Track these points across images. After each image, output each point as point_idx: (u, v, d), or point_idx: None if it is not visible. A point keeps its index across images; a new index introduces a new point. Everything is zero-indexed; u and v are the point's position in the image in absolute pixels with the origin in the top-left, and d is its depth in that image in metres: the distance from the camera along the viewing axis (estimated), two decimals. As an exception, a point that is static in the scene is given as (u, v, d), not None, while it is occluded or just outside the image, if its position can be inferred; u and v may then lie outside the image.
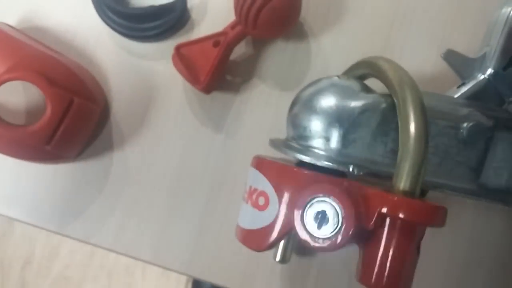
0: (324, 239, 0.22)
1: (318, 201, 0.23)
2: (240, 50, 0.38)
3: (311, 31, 0.38)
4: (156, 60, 0.38)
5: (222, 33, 0.35)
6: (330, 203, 0.22)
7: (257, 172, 0.28)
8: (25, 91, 0.38)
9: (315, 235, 0.23)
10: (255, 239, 0.28)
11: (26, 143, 0.32)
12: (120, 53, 0.38)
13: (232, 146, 0.37)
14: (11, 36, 0.34)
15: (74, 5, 0.39)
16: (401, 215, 0.21)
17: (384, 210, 0.22)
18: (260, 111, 0.37)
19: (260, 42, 0.38)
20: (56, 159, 0.36)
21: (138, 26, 0.37)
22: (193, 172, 0.37)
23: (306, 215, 0.23)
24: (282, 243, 0.30)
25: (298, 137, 0.28)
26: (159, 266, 0.36)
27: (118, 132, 0.38)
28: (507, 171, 0.26)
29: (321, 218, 0.22)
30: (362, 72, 0.30)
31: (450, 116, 0.26)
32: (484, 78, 0.26)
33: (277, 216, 0.26)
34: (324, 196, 0.23)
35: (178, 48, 0.36)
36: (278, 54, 0.38)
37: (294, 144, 0.28)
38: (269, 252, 0.30)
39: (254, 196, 0.28)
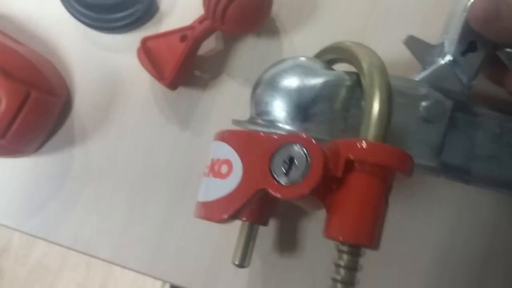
0: (292, 185, 0.21)
1: (285, 149, 0.22)
2: (209, 45, 0.37)
3: (283, 28, 0.37)
4: (122, 52, 0.37)
5: (190, 28, 0.34)
6: (298, 149, 0.21)
7: (220, 143, 0.27)
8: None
9: (284, 182, 0.21)
10: (218, 209, 0.25)
11: (-21, 136, 0.31)
12: (85, 44, 0.37)
13: (198, 143, 0.36)
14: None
15: (37, -7, 0.37)
16: (368, 159, 0.21)
17: (352, 156, 0.21)
18: (228, 108, 0.36)
19: (231, 38, 0.37)
20: (13, 154, 0.35)
21: (104, 17, 0.35)
22: (157, 169, 0.36)
23: (273, 163, 0.22)
24: (241, 244, 0.29)
25: (261, 113, 0.28)
26: (118, 265, 0.36)
27: (80, 126, 0.36)
28: (464, 151, 0.28)
29: (289, 164, 0.21)
30: (331, 56, 0.30)
31: (410, 95, 0.27)
32: (444, 63, 0.27)
33: (241, 179, 0.24)
34: (291, 143, 0.22)
35: (144, 41, 0.34)
36: (249, 50, 0.37)
37: (258, 120, 0.28)
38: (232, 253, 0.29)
39: (216, 167, 0.26)
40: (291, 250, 0.35)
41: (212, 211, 0.26)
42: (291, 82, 0.27)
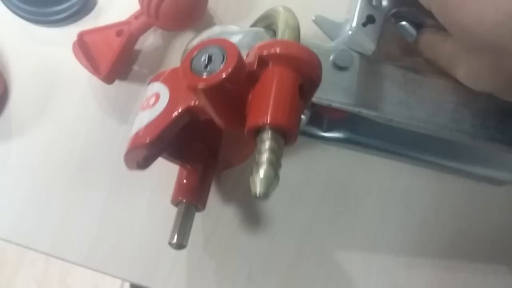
0: (210, 74, 0.22)
1: (204, 50, 0.23)
2: (148, 40, 0.37)
3: (221, 23, 0.37)
4: (59, 46, 0.37)
5: (126, 23, 0.35)
6: (215, 48, 0.22)
7: (151, 84, 0.28)
8: None
9: (203, 75, 0.22)
10: (143, 135, 0.25)
11: None
12: (22, 38, 0.37)
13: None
14: None
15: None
16: (279, 51, 0.22)
17: (265, 52, 0.22)
18: (167, 103, 0.37)
19: (169, 33, 0.37)
20: None
21: (41, 10, 0.36)
22: (95, 163, 0.36)
23: (193, 64, 0.23)
24: (178, 224, 0.30)
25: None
26: (57, 257, 0.36)
27: (17, 119, 0.36)
28: (377, 97, 0.31)
29: (208, 60, 0.22)
30: (262, 24, 0.31)
31: (321, 47, 0.30)
32: (349, 34, 0.30)
33: (167, 103, 0.25)
34: (209, 46, 0.23)
35: (81, 36, 0.35)
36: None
37: None
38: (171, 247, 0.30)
39: (145, 103, 0.27)
40: (229, 241, 0.36)
41: (137, 139, 0.26)
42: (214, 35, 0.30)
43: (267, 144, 0.20)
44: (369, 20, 0.31)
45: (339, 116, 0.33)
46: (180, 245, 0.30)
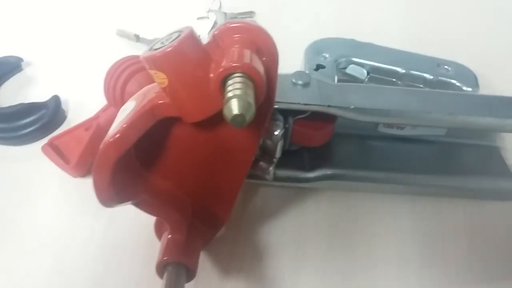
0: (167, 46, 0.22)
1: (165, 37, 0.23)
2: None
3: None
4: (29, 160, 0.37)
5: (94, 117, 0.36)
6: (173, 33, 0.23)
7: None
8: None
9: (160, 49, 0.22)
10: (109, 136, 0.24)
11: None
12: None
13: (115, 229, 0.33)
14: None
15: None
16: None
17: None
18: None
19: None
20: None
21: (10, 125, 0.36)
22: (72, 263, 0.32)
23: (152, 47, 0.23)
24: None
25: None
26: None
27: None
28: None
29: (165, 41, 0.22)
30: None
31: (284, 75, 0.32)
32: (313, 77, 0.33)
33: (133, 108, 0.25)
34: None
35: (51, 141, 0.35)
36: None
37: None
38: None
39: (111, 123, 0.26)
40: None
41: (104, 144, 0.24)
42: None
43: (236, 80, 0.20)
44: (318, 67, 0.36)
45: (318, 140, 0.32)
46: None
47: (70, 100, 0.39)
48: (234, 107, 0.19)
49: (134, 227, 0.33)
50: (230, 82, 0.21)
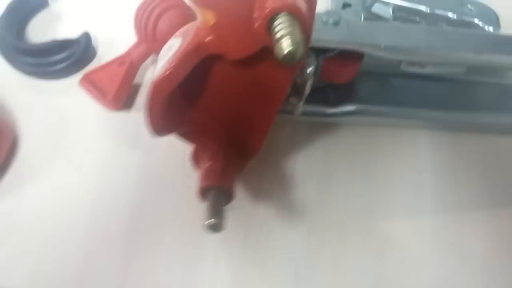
0: None
1: None
2: (148, 74, 0.39)
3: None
4: (65, 94, 0.38)
5: (126, 54, 0.37)
6: None
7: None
8: None
9: None
10: (160, 73, 0.26)
11: None
12: (28, 92, 0.38)
13: (151, 161, 0.36)
14: None
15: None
16: None
17: None
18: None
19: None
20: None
21: (43, 60, 0.38)
22: (112, 192, 0.35)
23: None
24: (211, 205, 0.28)
25: None
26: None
27: (28, 168, 0.36)
28: None
29: None
30: None
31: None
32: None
33: (180, 45, 0.26)
34: None
35: (85, 76, 0.37)
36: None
37: None
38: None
39: (158, 58, 0.28)
40: (266, 239, 0.33)
41: (154, 81, 0.26)
42: None
43: (283, 19, 0.22)
44: (345, 5, 0.37)
45: (345, 78, 0.34)
46: (216, 226, 0.28)
47: (99, 36, 0.40)
48: (286, 45, 0.21)
49: (169, 157, 0.36)
50: (277, 22, 0.22)
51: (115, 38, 0.40)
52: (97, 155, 0.36)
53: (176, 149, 0.35)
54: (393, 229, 0.33)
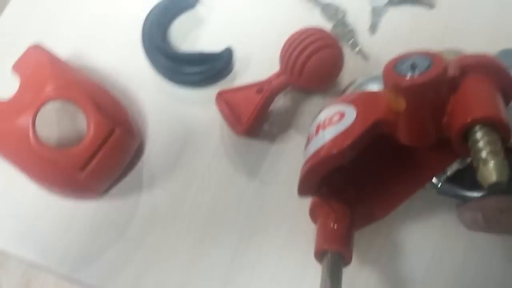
0: (413, 76, 0.22)
1: (410, 58, 0.23)
2: (279, 103, 0.39)
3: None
4: (195, 105, 0.39)
5: (266, 81, 0.36)
6: (419, 57, 0.23)
7: (329, 108, 0.29)
8: (63, 117, 0.37)
9: (407, 76, 0.22)
10: (328, 148, 0.26)
11: (60, 166, 0.31)
12: (161, 96, 0.39)
13: (265, 193, 0.36)
14: (60, 61, 0.35)
15: (122, 48, 0.40)
16: (478, 60, 0.23)
17: (467, 61, 0.23)
18: (295, 161, 0.36)
19: (299, 97, 0.39)
20: (84, 192, 0.34)
21: (182, 69, 0.38)
22: (223, 217, 0.35)
23: (396, 66, 0.23)
24: (329, 277, 0.27)
25: None
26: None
27: (149, 172, 0.37)
28: None
29: (411, 67, 0.23)
30: None
31: None
32: None
33: (356, 117, 0.26)
34: (415, 54, 0.23)
35: (220, 94, 0.36)
36: (315, 109, 0.38)
37: None
38: None
39: (325, 122, 0.28)
40: None
41: (320, 153, 0.26)
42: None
43: (484, 139, 0.20)
44: None
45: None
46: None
47: (238, 51, 0.40)
48: (493, 174, 0.19)
49: (282, 194, 0.36)
50: (478, 136, 0.21)
51: (254, 58, 0.40)
52: (215, 174, 0.37)
53: (291, 187, 0.35)
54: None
